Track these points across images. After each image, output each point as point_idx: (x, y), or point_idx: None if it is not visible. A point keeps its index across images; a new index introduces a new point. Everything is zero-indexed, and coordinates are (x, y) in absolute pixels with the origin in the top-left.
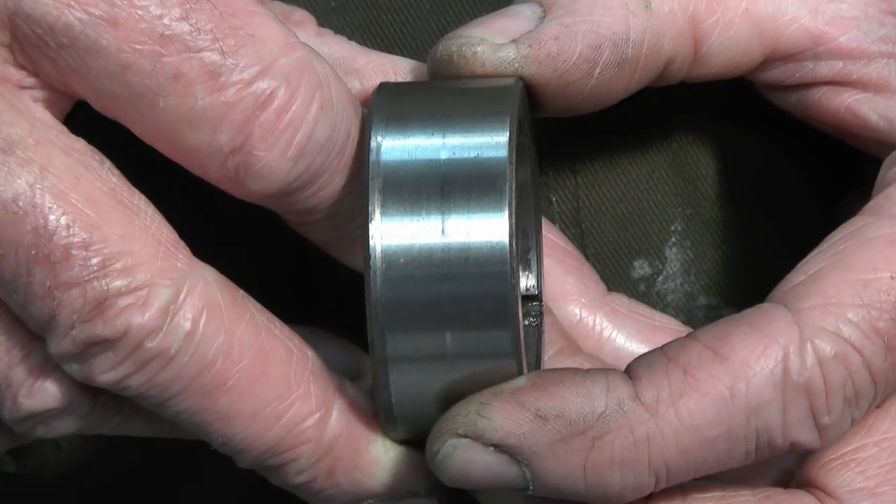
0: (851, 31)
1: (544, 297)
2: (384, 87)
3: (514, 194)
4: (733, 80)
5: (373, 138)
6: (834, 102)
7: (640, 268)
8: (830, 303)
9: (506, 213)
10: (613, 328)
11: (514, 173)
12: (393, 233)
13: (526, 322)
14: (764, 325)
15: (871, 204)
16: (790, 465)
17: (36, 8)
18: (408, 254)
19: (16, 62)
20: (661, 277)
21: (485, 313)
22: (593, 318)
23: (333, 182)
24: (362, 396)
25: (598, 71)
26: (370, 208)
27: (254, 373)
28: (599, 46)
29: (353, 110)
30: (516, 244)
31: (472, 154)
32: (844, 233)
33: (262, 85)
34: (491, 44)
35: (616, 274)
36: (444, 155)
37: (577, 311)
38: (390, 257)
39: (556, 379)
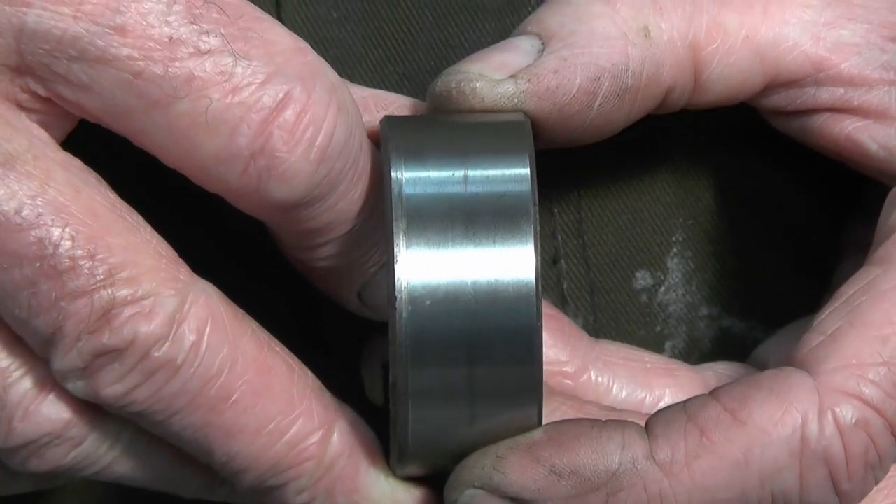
0: (853, 58)
1: None
2: (393, 121)
3: (538, 231)
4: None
5: (393, 172)
6: (835, 130)
7: (642, 278)
8: (851, 364)
9: (531, 250)
10: (609, 379)
11: (538, 209)
12: (418, 271)
13: None
14: (784, 390)
15: (880, 253)
16: None
17: (41, 22)
18: (434, 293)
19: (23, 87)
20: (662, 288)
21: (510, 351)
22: (588, 375)
23: (349, 194)
24: (361, 420)
25: (597, 103)
26: (395, 246)
27: (258, 387)
28: (599, 79)
29: (360, 119)
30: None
31: (496, 190)
32: (857, 287)
33: (278, 85)
34: (490, 79)
35: (618, 285)
36: (467, 191)
37: (571, 371)
38: (416, 296)
39: (572, 433)
